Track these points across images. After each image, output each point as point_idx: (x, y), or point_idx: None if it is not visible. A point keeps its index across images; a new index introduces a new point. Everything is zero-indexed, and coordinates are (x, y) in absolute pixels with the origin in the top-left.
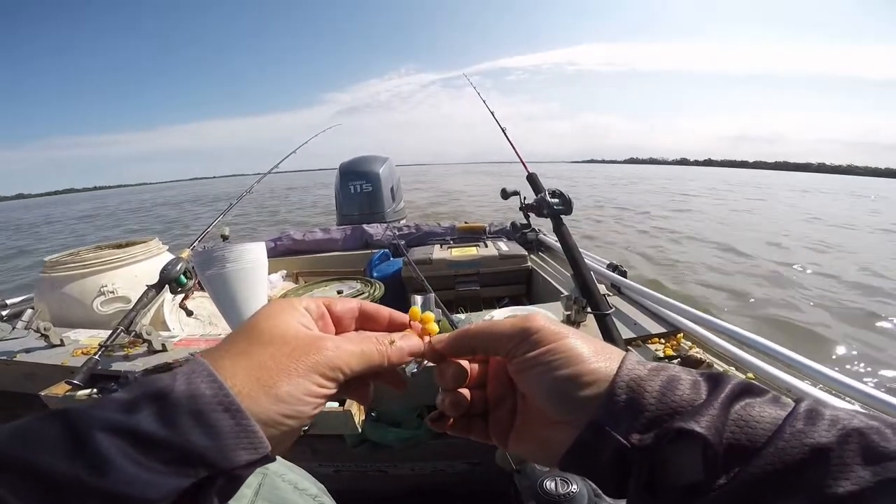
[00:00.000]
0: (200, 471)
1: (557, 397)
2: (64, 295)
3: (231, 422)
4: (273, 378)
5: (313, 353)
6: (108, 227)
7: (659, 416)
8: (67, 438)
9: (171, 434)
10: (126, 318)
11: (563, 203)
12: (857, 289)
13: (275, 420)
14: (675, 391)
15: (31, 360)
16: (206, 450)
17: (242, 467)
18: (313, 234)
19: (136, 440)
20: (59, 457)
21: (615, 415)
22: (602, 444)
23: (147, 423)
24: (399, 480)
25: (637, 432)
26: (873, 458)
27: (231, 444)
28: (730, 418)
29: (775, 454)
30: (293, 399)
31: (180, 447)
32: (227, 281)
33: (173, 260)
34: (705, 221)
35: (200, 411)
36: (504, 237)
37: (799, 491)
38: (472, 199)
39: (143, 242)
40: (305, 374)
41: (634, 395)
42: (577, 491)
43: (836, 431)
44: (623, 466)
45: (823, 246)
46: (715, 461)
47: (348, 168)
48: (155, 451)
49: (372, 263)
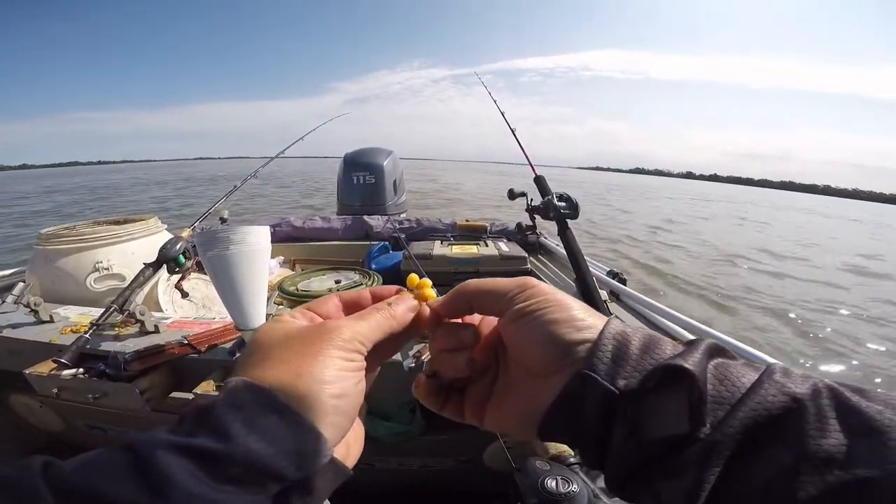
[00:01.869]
0: (269, 485)
1: (550, 341)
2: (57, 269)
3: (282, 422)
4: (308, 366)
5: (327, 335)
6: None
7: (644, 360)
8: (131, 462)
9: (227, 447)
10: (121, 297)
11: (570, 207)
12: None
13: (330, 405)
14: (658, 346)
15: (17, 336)
16: (268, 458)
17: (317, 475)
18: (313, 222)
19: (195, 457)
20: (124, 482)
21: (602, 364)
22: (588, 392)
23: (203, 439)
24: (387, 475)
25: (623, 378)
26: (846, 409)
27: (292, 447)
28: (709, 369)
29: (757, 402)
30: (332, 375)
31: (241, 459)
32: (229, 263)
33: (173, 239)
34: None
35: (248, 417)
36: (505, 238)
37: (780, 439)
38: (470, 196)
39: (142, 220)
40: (331, 353)
41: (621, 346)
42: (578, 490)
43: (809, 385)
44: (607, 419)
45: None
46: (701, 407)
47: (352, 158)
48: (217, 468)
49: (371, 255)
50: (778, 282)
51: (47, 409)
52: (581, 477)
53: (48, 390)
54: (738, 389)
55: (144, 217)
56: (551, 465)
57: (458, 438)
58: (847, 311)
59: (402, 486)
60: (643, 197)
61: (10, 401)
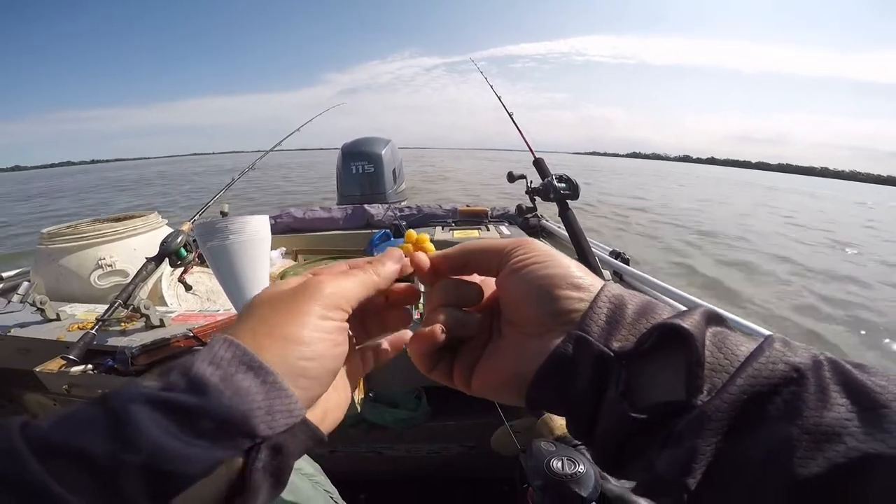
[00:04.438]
0: (239, 440)
1: (545, 296)
2: (61, 267)
3: (257, 381)
4: (280, 325)
5: (309, 290)
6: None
7: (640, 322)
8: (107, 416)
9: (201, 401)
10: (124, 292)
11: (570, 188)
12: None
13: (297, 367)
14: (655, 309)
15: (25, 335)
16: (240, 415)
17: (283, 434)
18: (314, 213)
19: (170, 410)
20: (100, 435)
21: (597, 326)
22: (581, 353)
23: (178, 393)
24: (394, 462)
25: (618, 341)
26: (848, 382)
27: (263, 405)
28: (708, 335)
29: (757, 370)
30: (307, 337)
31: (214, 414)
32: (228, 253)
33: (174, 232)
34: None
35: (225, 374)
36: (506, 222)
37: (781, 410)
38: (463, 183)
39: (143, 216)
40: (309, 311)
41: (617, 308)
42: (584, 471)
43: (810, 356)
44: (600, 383)
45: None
46: (699, 372)
47: (351, 148)
48: (190, 422)
49: (372, 243)
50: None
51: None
52: (587, 457)
53: (59, 387)
54: (736, 357)
55: (145, 213)
56: (557, 446)
57: (464, 424)
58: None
59: (410, 472)
60: (675, 183)
61: (25, 399)
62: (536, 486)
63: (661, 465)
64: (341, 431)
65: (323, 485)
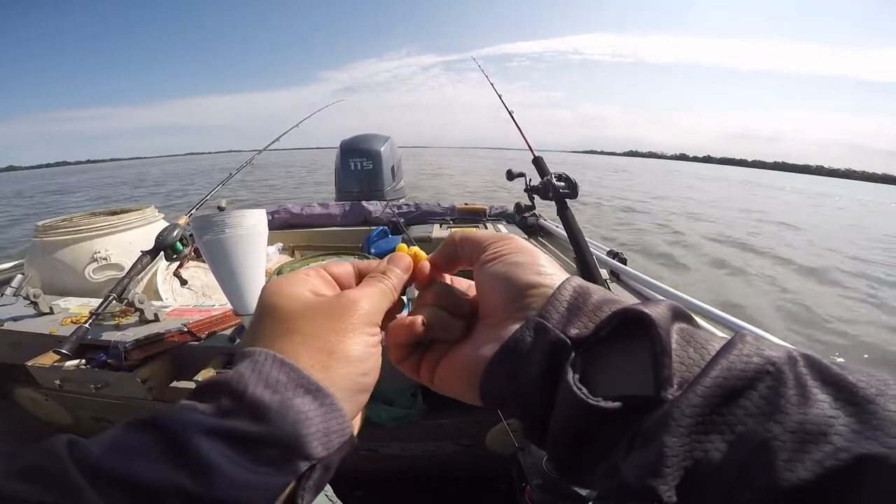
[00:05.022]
0: (301, 464)
1: (508, 281)
2: (55, 260)
3: (315, 403)
4: (333, 343)
5: (350, 308)
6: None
7: (601, 310)
8: (165, 445)
9: (264, 429)
10: (119, 285)
11: (568, 187)
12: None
13: (358, 384)
14: (620, 301)
15: (18, 329)
16: (302, 440)
17: (335, 453)
18: (311, 209)
19: (234, 441)
20: (160, 466)
21: (557, 312)
22: (536, 339)
23: (237, 421)
24: (389, 460)
25: (576, 328)
26: (827, 378)
27: (321, 428)
28: (674, 328)
29: (732, 364)
30: (361, 354)
31: (277, 441)
32: (225, 247)
33: (170, 226)
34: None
35: (283, 399)
36: (504, 220)
37: (759, 407)
38: (459, 180)
39: (139, 210)
40: (355, 328)
41: (580, 296)
42: None
43: (784, 351)
44: (555, 373)
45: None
46: (666, 363)
47: (349, 145)
48: (255, 451)
49: (370, 240)
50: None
51: (53, 402)
52: None
53: (51, 382)
54: (706, 351)
55: (141, 207)
56: None
57: (459, 422)
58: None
59: (405, 471)
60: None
61: (16, 394)
62: (535, 484)
63: (627, 469)
64: None
65: None
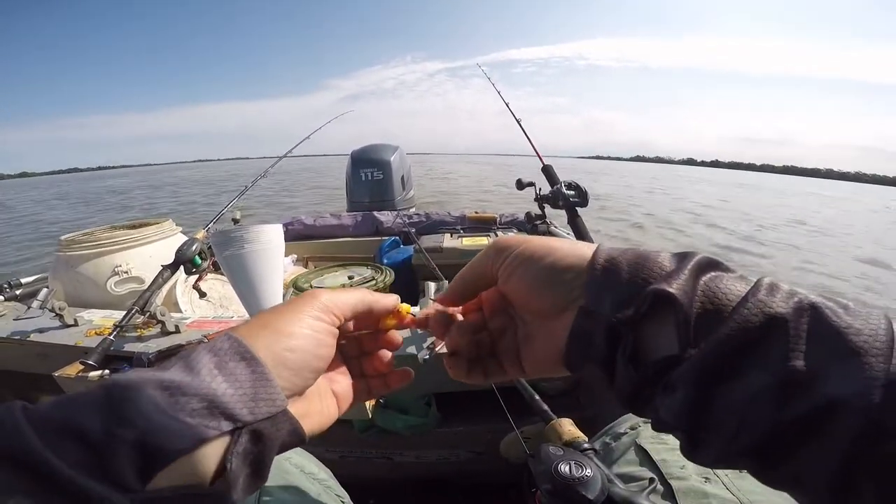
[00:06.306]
0: (223, 423)
1: (546, 284)
2: (78, 274)
3: (247, 370)
4: (275, 321)
5: (308, 297)
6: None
7: (635, 285)
8: (104, 397)
9: (194, 381)
10: (141, 298)
11: (578, 195)
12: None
13: (280, 356)
14: (646, 262)
15: (44, 340)
16: (226, 398)
17: (264, 422)
18: (324, 220)
19: (163, 388)
20: (96, 414)
21: (599, 294)
22: (593, 326)
23: (174, 373)
24: (403, 468)
25: (619, 305)
26: (823, 330)
27: (249, 392)
28: (699, 289)
29: (738, 323)
30: (295, 332)
31: (203, 394)
32: (245, 262)
33: (189, 240)
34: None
35: (220, 361)
36: (514, 228)
37: (758, 362)
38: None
39: (157, 223)
40: (303, 311)
41: (610, 272)
42: (591, 475)
43: (793, 303)
44: (613, 344)
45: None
46: (687, 329)
47: (360, 155)
48: (181, 400)
49: (382, 250)
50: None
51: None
52: (595, 462)
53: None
54: (724, 308)
55: (160, 220)
56: (565, 450)
57: (472, 431)
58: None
59: (419, 477)
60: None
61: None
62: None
63: (663, 410)
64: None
65: (334, 489)
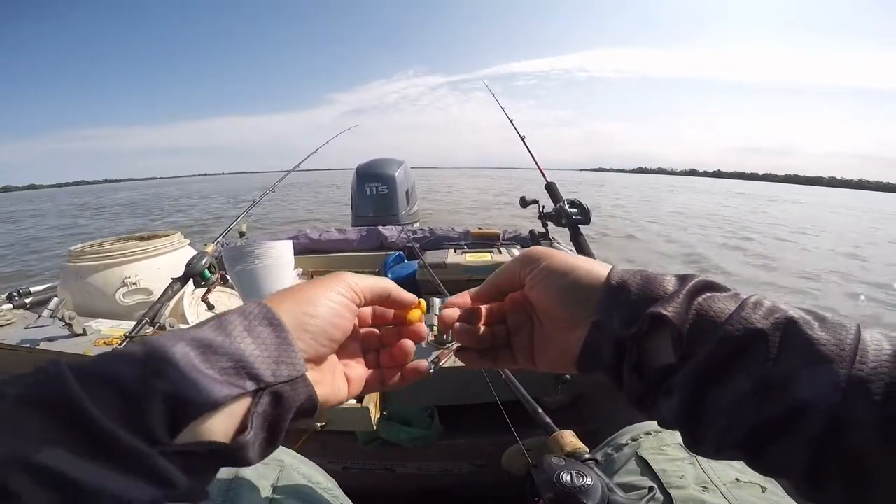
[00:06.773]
0: (248, 383)
1: (566, 300)
2: (87, 285)
3: (273, 334)
4: (301, 293)
5: (335, 277)
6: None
7: (639, 306)
8: (143, 351)
9: (225, 341)
10: (151, 310)
11: (581, 213)
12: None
13: (301, 320)
14: (652, 285)
15: (53, 349)
16: (253, 359)
17: (284, 384)
18: (329, 234)
19: (197, 346)
20: (135, 366)
21: (609, 312)
22: (603, 339)
23: (207, 332)
24: (406, 480)
25: (625, 323)
26: (797, 341)
27: (273, 355)
28: (692, 308)
29: (723, 338)
30: (317, 301)
31: (232, 354)
32: (255, 277)
33: (199, 254)
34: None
35: (250, 324)
36: (518, 245)
37: (741, 369)
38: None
39: (166, 236)
40: (329, 287)
41: (621, 293)
42: (592, 484)
43: (772, 318)
44: (620, 355)
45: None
46: (680, 343)
47: (365, 169)
48: (213, 359)
49: (387, 265)
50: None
51: None
52: (596, 472)
53: None
54: (714, 324)
55: (168, 233)
56: (566, 461)
57: (474, 443)
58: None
59: (422, 490)
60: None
61: None
62: (547, 498)
63: (665, 410)
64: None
65: (340, 499)
